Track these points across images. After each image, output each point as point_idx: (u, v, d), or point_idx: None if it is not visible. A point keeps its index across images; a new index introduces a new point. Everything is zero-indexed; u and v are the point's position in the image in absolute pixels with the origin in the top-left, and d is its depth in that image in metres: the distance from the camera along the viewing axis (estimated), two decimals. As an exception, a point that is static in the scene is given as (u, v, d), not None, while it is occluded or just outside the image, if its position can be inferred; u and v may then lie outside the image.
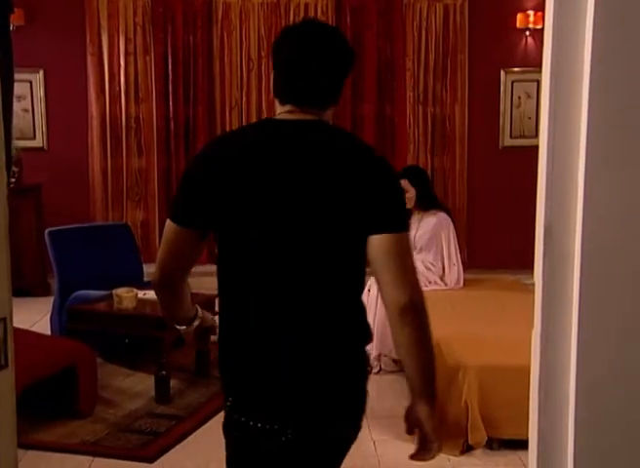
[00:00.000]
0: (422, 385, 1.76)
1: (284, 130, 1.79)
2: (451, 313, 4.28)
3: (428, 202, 4.95)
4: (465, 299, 4.58)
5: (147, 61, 6.65)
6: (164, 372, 4.21)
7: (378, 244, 1.70)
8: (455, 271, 4.97)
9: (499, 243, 6.92)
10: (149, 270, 6.51)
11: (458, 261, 5.01)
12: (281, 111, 1.81)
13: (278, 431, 1.75)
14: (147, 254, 6.69)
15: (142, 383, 4.50)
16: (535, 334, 1.69)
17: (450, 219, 5.02)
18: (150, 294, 4.52)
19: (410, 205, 4.73)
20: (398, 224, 1.73)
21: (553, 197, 1.61)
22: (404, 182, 4.62)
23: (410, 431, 1.79)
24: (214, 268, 1.83)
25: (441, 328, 3.89)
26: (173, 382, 4.36)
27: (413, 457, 1.78)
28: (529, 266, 6.39)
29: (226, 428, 1.85)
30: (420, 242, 4.91)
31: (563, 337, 1.61)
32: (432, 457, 1.78)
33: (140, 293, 4.51)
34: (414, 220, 4.89)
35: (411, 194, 4.77)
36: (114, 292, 4.36)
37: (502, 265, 6.73)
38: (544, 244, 1.62)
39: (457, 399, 3.59)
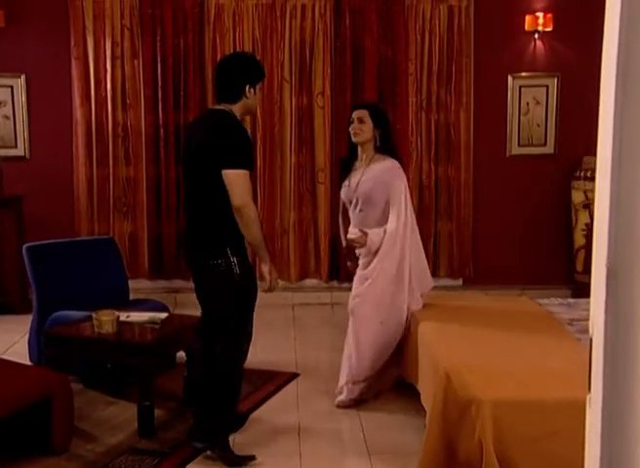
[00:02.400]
0: (257, 252, 3.49)
1: (204, 114, 3.84)
2: (459, 339, 3.92)
3: (386, 146, 4.13)
4: (475, 323, 4.22)
5: (135, 66, 6.37)
6: (147, 403, 3.86)
7: (223, 174, 3.30)
8: (410, 241, 4.18)
9: (505, 257, 6.74)
10: (138, 286, 6.40)
11: (414, 231, 4.25)
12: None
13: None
14: (135, 270, 6.54)
15: (125, 413, 4.15)
16: (592, 406, 1.31)
17: (403, 171, 4.20)
18: (134, 317, 4.21)
19: (361, 139, 4.09)
20: (227, 163, 3.30)
21: (619, 232, 1.23)
22: (362, 112, 4.11)
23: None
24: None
25: (450, 356, 3.58)
26: (158, 412, 3.99)
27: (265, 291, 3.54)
28: (537, 282, 6.15)
29: (247, 276, 3.51)
30: (359, 194, 4.14)
31: (633, 413, 1.23)
32: (272, 291, 3.55)
33: (123, 316, 4.18)
34: (358, 168, 4.20)
35: (367, 127, 4.08)
36: (94, 314, 4.02)
37: (509, 281, 6.63)
38: (607, 290, 1.25)
39: (469, 435, 3.24)
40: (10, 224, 6.14)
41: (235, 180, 3.29)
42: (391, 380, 4.43)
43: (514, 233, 6.71)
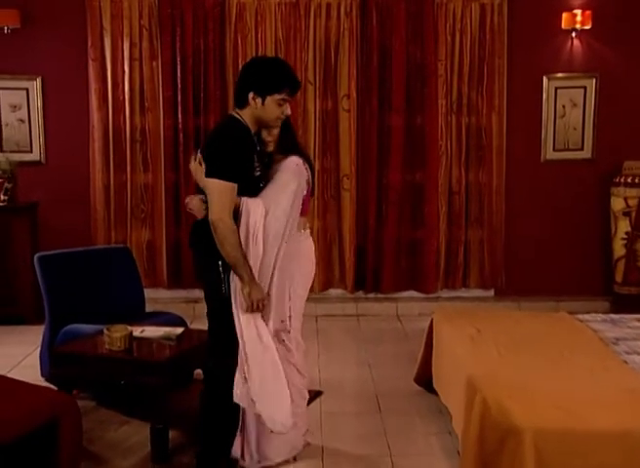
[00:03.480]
0: (234, 271, 3.12)
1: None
2: (497, 359, 3.63)
3: (286, 147, 3.37)
4: (511, 341, 3.92)
5: (154, 67, 6.19)
6: (160, 426, 3.62)
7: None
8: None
9: (539, 267, 6.52)
10: (156, 296, 6.26)
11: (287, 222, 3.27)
12: None
13: None
14: (153, 279, 6.38)
15: (139, 433, 3.90)
16: None
17: (304, 165, 3.36)
18: (148, 332, 3.98)
19: (270, 148, 3.35)
20: (207, 172, 3.06)
21: None
22: None
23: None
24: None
25: (486, 378, 3.28)
26: (173, 434, 3.75)
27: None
28: (573, 293, 5.83)
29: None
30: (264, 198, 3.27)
31: None
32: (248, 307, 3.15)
33: (137, 331, 3.96)
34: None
35: (275, 132, 3.34)
36: (105, 330, 3.78)
37: (544, 292, 6.45)
38: None
39: (508, 467, 2.96)
40: (24, 232, 6.00)
41: (212, 191, 3.05)
42: None
43: (549, 242, 6.48)
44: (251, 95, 3.12)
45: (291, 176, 3.28)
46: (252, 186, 3.19)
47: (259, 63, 3.33)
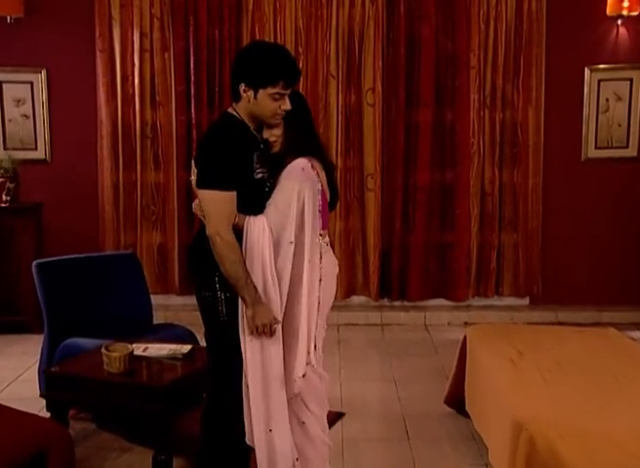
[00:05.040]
0: (236, 291, 2.74)
1: None
2: (542, 387, 3.22)
3: (298, 147, 2.85)
4: (554, 363, 3.51)
5: (166, 59, 5.96)
6: (163, 457, 3.27)
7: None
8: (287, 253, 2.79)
9: (578, 273, 6.23)
10: (168, 302, 6.00)
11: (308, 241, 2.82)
12: None
13: None
14: (164, 285, 6.16)
15: (141, 463, 3.56)
16: None
17: (312, 169, 2.83)
18: (152, 350, 3.64)
19: (276, 148, 2.87)
20: (200, 182, 2.72)
21: None
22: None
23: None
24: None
25: (530, 410, 2.92)
26: (178, 463, 3.42)
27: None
28: (615, 302, 5.46)
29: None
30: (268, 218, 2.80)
31: None
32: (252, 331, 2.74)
33: (139, 349, 3.62)
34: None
35: (278, 131, 2.86)
36: (103, 349, 3.43)
37: (583, 300, 6.19)
38: None
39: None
40: (27, 235, 5.75)
41: (207, 203, 2.69)
42: None
43: (589, 246, 6.17)
44: (242, 86, 2.72)
45: (294, 186, 2.74)
46: (254, 191, 2.77)
47: (252, 50, 2.86)
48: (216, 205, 2.66)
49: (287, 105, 2.73)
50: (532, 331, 4.33)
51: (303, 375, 2.82)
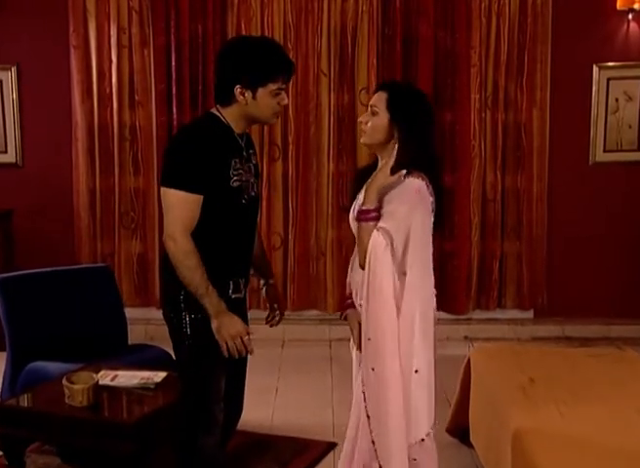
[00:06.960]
0: (198, 300, 2.59)
1: None
2: (559, 423, 2.89)
3: (408, 158, 2.65)
4: (573, 394, 3.19)
5: (145, 56, 5.74)
6: (131, 505, 2.90)
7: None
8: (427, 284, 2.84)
9: (586, 284, 6.04)
10: (148, 316, 5.65)
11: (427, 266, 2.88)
12: None
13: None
14: (144, 297, 5.94)
15: (110, 506, 3.22)
16: None
17: (427, 189, 2.71)
18: (122, 379, 3.29)
19: (368, 140, 2.71)
20: (163, 179, 2.60)
21: None
22: (377, 98, 2.70)
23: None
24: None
25: (547, 450, 2.63)
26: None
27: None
28: (625, 315, 5.15)
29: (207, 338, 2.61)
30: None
31: None
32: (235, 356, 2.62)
33: (107, 377, 3.28)
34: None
35: (379, 122, 2.66)
36: (64, 380, 3.07)
37: (591, 313, 6.01)
38: None
39: None
40: None
41: (168, 203, 2.59)
42: None
43: (597, 256, 5.98)
44: (238, 89, 2.60)
45: (412, 214, 2.67)
46: (227, 201, 2.66)
47: (241, 48, 2.72)
48: (176, 207, 2.56)
49: (285, 100, 2.72)
50: (542, 353, 4.02)
51: (422, 440, 2.61)
